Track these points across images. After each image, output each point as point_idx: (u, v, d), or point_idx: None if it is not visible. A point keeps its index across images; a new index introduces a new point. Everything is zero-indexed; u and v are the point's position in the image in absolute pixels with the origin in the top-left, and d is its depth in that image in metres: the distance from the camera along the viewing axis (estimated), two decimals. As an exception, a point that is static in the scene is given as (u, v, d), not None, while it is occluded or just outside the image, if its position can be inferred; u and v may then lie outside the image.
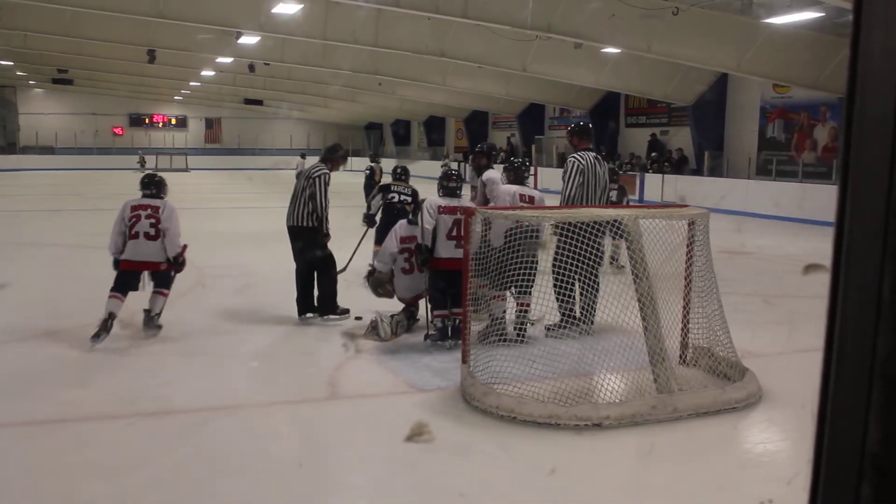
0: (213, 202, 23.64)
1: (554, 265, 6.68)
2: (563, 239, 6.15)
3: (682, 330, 6.13)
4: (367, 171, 17.25)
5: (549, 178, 27.82)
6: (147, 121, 51.45)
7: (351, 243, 9.46)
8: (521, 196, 7.49)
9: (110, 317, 6.85)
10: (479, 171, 8.77)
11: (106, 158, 44.93)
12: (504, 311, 6.56)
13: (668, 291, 5.84)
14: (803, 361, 4.04)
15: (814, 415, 0.97)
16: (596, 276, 6.38)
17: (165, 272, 7.26)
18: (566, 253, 6.17)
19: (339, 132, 51.22)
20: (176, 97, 48.10)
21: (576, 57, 21.77)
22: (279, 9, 18.95)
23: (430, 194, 7.47)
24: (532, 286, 6.37)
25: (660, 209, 7.09)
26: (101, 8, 20.03)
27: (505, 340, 6.20)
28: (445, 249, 6.90)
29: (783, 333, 7.42)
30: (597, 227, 5.93)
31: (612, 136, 29.44)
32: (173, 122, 52.03)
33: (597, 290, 6.41)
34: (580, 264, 6.03)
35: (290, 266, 7.81)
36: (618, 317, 5.57)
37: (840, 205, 0.93)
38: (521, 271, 6.18)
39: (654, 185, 24.16)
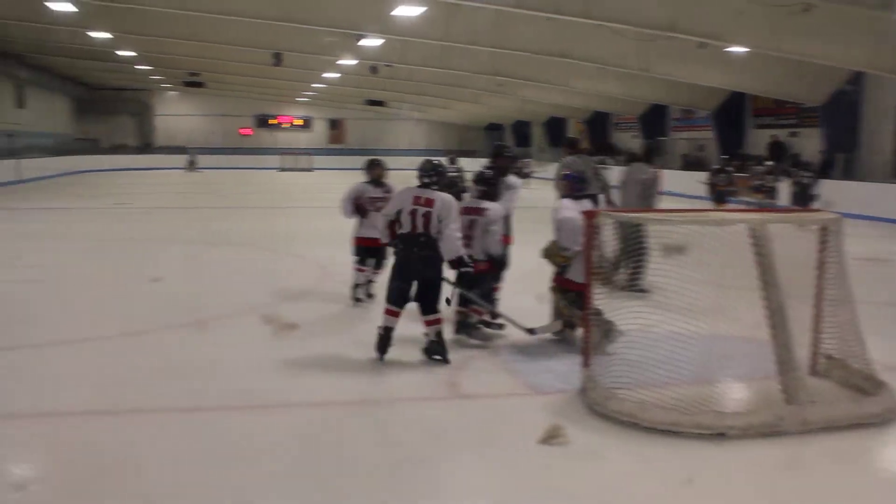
0: (337, 202, 24.14)
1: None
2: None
3: (813, 339, 5.92)
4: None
5: (674, 181, 27.27)
6: (273, 122, 52.98)
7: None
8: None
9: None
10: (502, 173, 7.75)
11: (235, 158, 46.58)
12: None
13: (797, 299, 5.63)
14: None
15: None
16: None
17: None
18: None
19: (460, 133, 51.55)
20: (301, 98, 49.32)
21: (700, 56, 21.24)
22: (401, 11, 19.20)
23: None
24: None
25: (790, 214, 6.86)
26: (231, 13, 20.87)
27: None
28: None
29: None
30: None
31: (738, 138, 28.59)
32: (298, 122, 53.41)
33: None
34: None
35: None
36: (744, 323, 5.40)
37: None
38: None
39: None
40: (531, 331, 6.98)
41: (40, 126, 38.85)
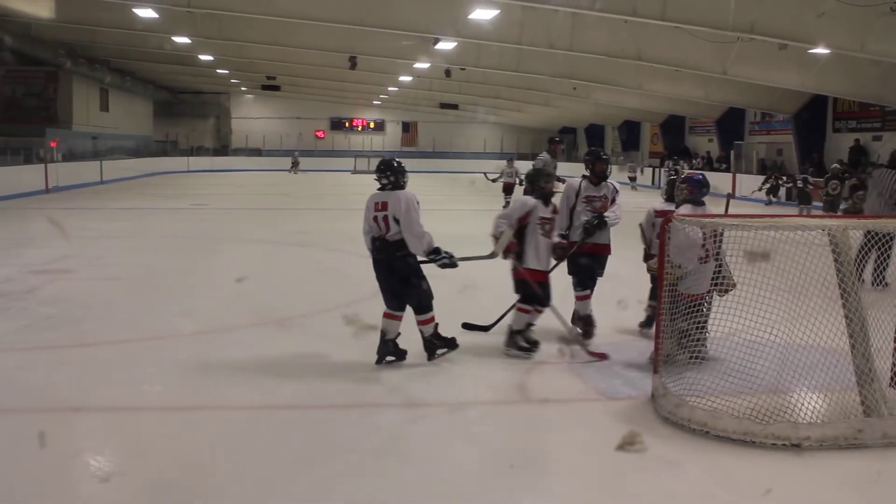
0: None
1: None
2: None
3: (895, 350, 5.73)
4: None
5: (749, 186, 26.80)
6: (347, 124, 53.67)
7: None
8: None
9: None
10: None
11: (309, 160, 47.22)
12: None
13: (879, 308, 5.46)
14: None
15: None
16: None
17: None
18: None
19: (533, 136, 51.37)
20: (375, 101, 49.81)
21: (780, 58, 20.71)
22: (476, 15, 19.21)
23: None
24: None
25: (872, 220, 6.67)
26: (308, 18, 21.17)
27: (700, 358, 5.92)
28: None
29: None
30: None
31: (818, 142, 27.86)
32: (372, 125, 54.00)
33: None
34: None
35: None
36: (821, 333, 5.26)
37: None
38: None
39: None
40: (492, 254, 6.82)
41: (122, 128, 40.08)
